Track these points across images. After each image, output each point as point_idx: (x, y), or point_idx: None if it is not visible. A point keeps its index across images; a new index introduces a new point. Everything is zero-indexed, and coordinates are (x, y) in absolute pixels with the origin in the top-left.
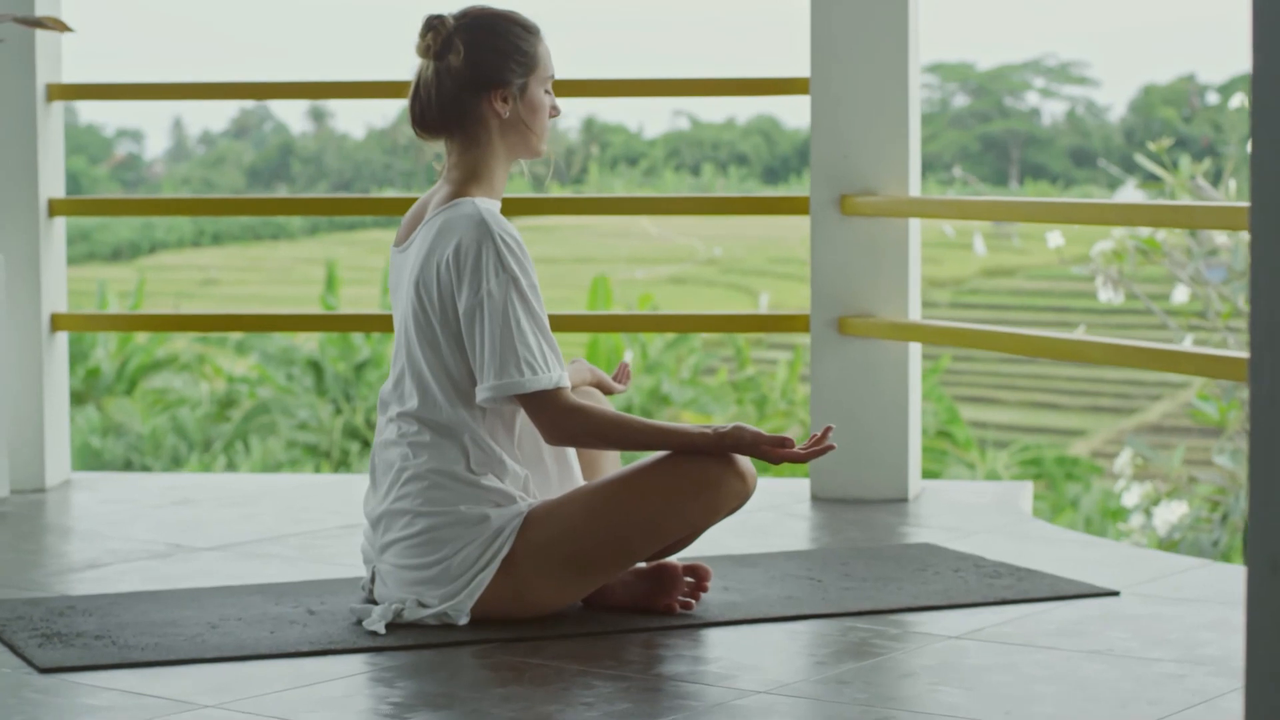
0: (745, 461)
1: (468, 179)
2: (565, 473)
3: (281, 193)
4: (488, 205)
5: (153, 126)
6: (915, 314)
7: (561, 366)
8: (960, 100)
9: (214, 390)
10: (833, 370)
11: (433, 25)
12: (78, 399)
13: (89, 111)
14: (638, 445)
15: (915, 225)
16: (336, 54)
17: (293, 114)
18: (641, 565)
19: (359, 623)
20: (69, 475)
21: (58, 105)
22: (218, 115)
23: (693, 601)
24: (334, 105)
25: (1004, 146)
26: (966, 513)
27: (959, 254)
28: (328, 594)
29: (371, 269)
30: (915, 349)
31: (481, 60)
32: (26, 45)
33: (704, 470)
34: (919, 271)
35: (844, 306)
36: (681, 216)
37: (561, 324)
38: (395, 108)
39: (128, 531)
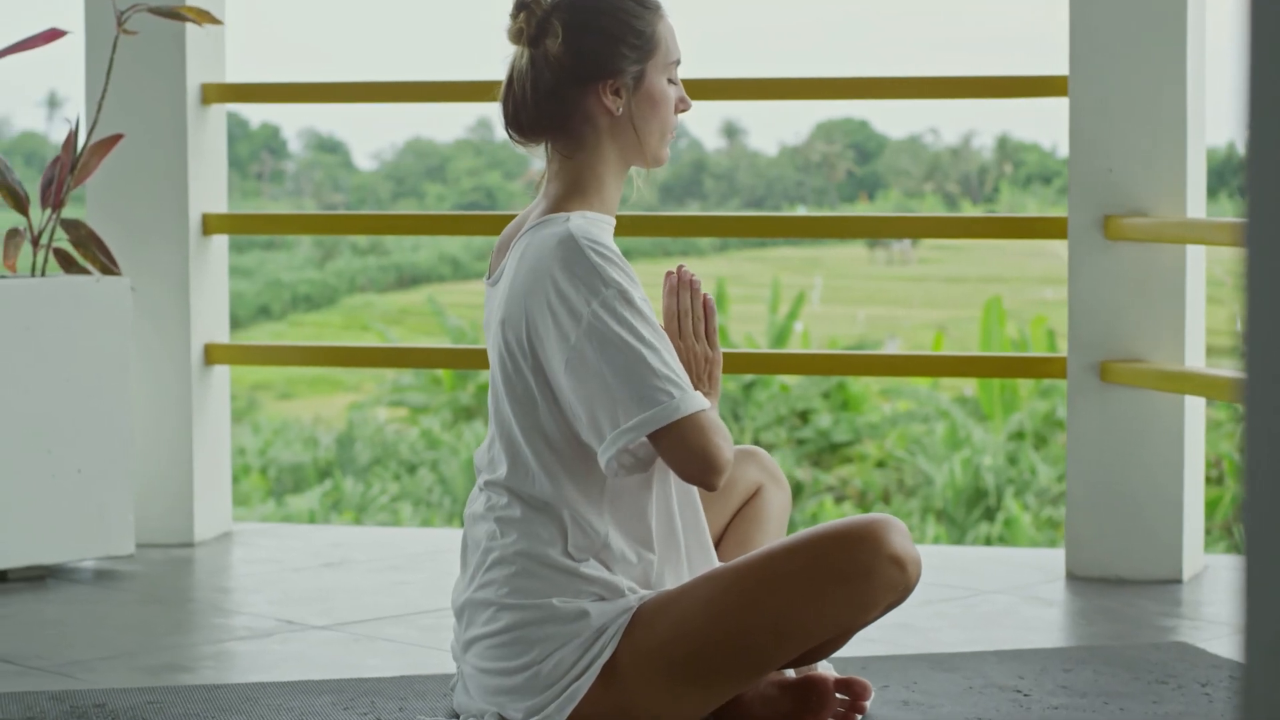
0: (904, 543)
1: (570, 191)
2: (701, 553)
3: (692, 209)
4: (582, 221)
5: None
6: (1195, 360)
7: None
8: None
9: None
10: (1093, 424)
11: (524, 4)
12: (467, 415)
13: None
14: None
15: (1197, 253)
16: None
17: (707, 130)
18: (789, 673)
19: None
20: (230, 527)
21: (217, 109)
22: None
23: None
24: (748, 122)
25: None
26: None
27: None
28: (415, 696)
29: (763, 285)
30: (1196, 402)
31: (586, 45)
32: (176, 41)
33: (850, 557)
34: (1201, 308)
35: (1108, 349)
36: (933, 240)
37: (767, 364)
38: (808, 124)
39: (246, 601)
